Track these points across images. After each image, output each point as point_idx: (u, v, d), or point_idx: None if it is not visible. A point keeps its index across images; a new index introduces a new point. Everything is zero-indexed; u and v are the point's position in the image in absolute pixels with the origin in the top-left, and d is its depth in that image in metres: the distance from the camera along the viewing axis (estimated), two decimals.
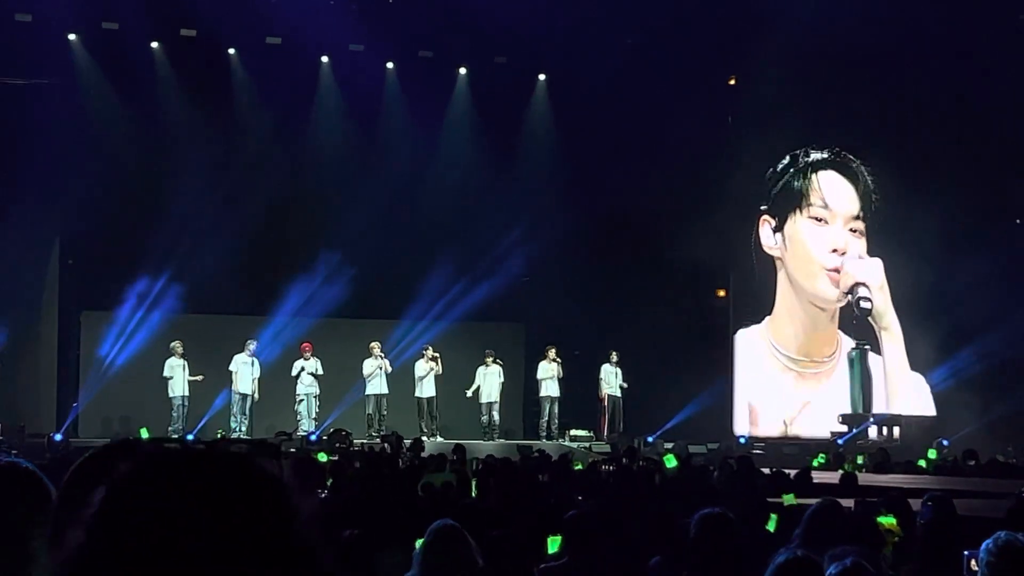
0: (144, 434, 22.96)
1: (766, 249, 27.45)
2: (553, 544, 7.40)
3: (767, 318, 27.47)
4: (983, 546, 4.95)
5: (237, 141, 25.88)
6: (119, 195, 24.82)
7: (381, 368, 25.24)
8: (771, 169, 27.56)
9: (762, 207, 27.45)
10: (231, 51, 26.47)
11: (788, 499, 9.38)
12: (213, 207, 24.67)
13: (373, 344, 25.36)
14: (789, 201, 27.48)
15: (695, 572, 5.81)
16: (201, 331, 25.51)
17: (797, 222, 27.41)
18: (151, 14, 24.93)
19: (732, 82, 27.87)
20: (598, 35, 25.67)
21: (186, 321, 25.48)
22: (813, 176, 27.51)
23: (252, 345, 24.95)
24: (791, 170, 27.58)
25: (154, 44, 26.02)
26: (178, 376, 24.54)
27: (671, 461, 12.09)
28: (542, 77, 27.89)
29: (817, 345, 27.32)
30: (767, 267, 27.65)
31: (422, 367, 25.41)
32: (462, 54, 27.26)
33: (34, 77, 24.87)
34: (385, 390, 25.35)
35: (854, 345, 27.03)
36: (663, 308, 26.07)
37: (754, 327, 27.54)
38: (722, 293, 28.41)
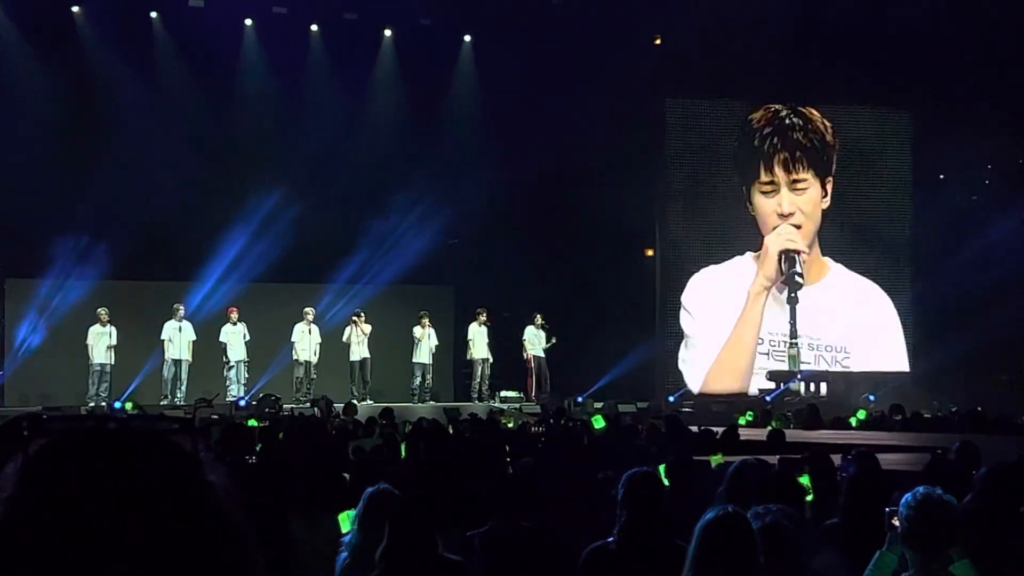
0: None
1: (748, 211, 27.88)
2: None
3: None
4: (903, 500, 5.02)
5: (160, 107, 25.61)
6: (41, 160, 24.45)
7: (311, 333, 25.15)
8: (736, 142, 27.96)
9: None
10: (153, 14, 26.18)
11: (715, 460, 9.45)
12: (137, 173, 24.41)
13: (307, 309, 25.23)
14: (748, 173, 27.79)
15: (623, 531, 5.84)
16: (126, 298, 25.27)
17: (754, 193, 27.75)
18: None
19: (657, 41, 27.92)
20: None
21: (111, 287, 25.21)
22: (754, 146, 27.81)
23: (181, 310, 24.74)
24: (741, 143, 27.87)
25: (75, 8, 25.69)
26: (100, 344, 24.26)
27: (599, 422, 12.13)
28: (467, 38, 27.81)
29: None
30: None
31: (354, 332, 25.31)
32: (387, 16, 27.10)
33: None
34: (314, 356, 25.26)
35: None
36: (592, 268, 26.22)
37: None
38: (649, 252, 28.54)
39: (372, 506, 6.04)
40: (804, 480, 6.93)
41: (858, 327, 27.62)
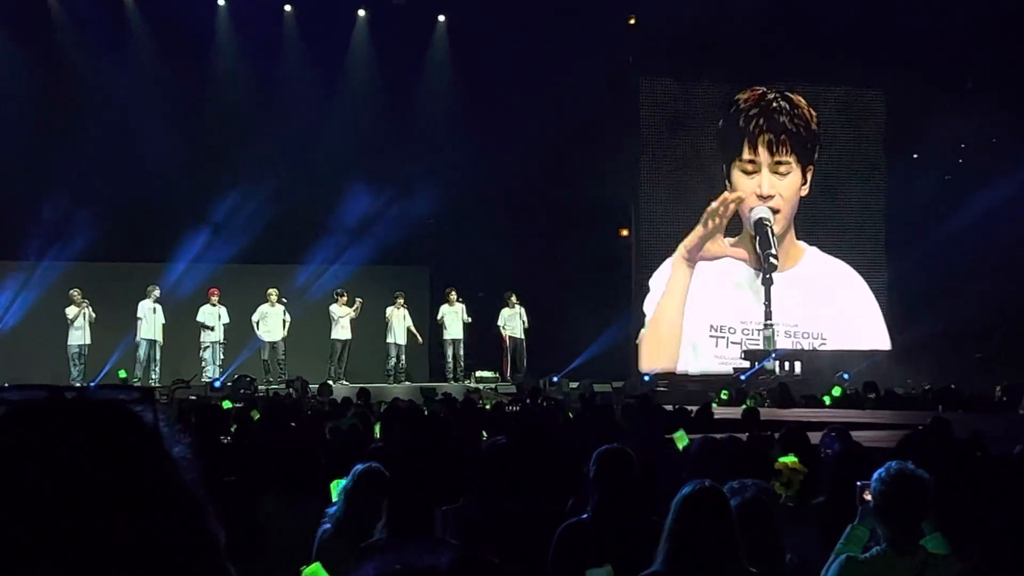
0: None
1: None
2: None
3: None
4: (875, 475, 5.04)
5: (134, 86, 25.50)
6: (12, 143, 24.32)
7: (281, 314, 25.10)
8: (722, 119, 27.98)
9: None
10: None
11: (679, 437, 9.45)
12: (111, 154, 24.33)
13: (271, 290, 25.17)
14: (729, 152, 27.84)
15: (596, 508, 5.86)
16: (101, 279, 25.16)
17: (734, 172, 27.78)
18: None
19: (632, 21, 27.89)
20: None
21: (86, 269, 25.11)
22: (739, 126, 27.86)
23: (155, 291, 24.66)
24: (721, 123, 27.90)
25: None
26: (79, 324, 24.21)
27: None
28: (442, 19, 27.74)
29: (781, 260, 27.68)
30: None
31: (341, 310, 25.30)
32: None
33: None
34: (280, 336, 25.20)
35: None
36: (567, 248, 26.23)
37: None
38: (625, 232, 28.57)
39: (361, 483, 6.11)
40: (789, 460, 6.91)
41: (834, 312, 27.72)
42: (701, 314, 27.56)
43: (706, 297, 27.53)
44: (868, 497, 5.13)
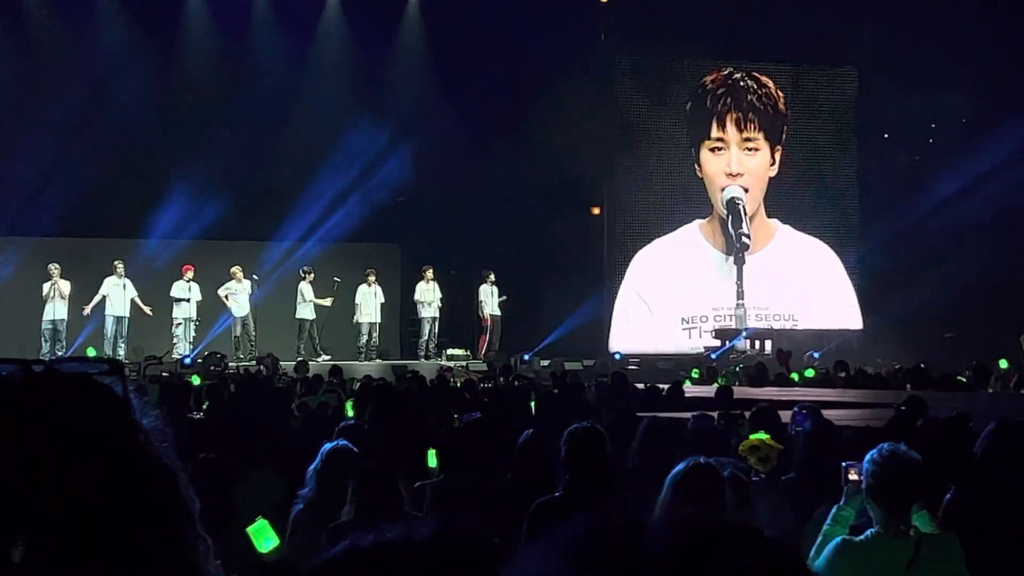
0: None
1: (696, 172, 27.84)
2: (432, 459, 7.45)
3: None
4: (868, 456, 5.04)
5: (103, 61, 25.34)
6: None
7: (246, 291, 25.01)
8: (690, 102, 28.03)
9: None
10: None
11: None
12: (81, 130, 24.18)
13: (235, 268, 25.05)
14: (698, 132, 27.88)
15: (568, 485, 5.87)
16: (71, 255, 25.02)
17: (702, 152, 27.81)
18: None
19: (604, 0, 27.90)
20: None
21: (56, 245, 25.00)
22: (707, 106, 27.91)
23: (120, 266, 24.51)
24: (693, 103, 27.94)
25: None
26: (55, 299, 24.11)
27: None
28: None
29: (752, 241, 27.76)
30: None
31: (309, 289, 25.26)
32: None
33: None
34: (244, 312, 25.11)
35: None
36: (539, 226, 26.21)
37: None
38: (596, 211, 28.57)
39: (329, 461, 6.11)
40: (761, 436, 6.93)
41: (806, 292, 27.82)
42: (672, 305, 27.65)
43: (676, 287, 27.61)
44: (854, 477, 5.14)
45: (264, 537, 5.29)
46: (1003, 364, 19.52)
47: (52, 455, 1.42)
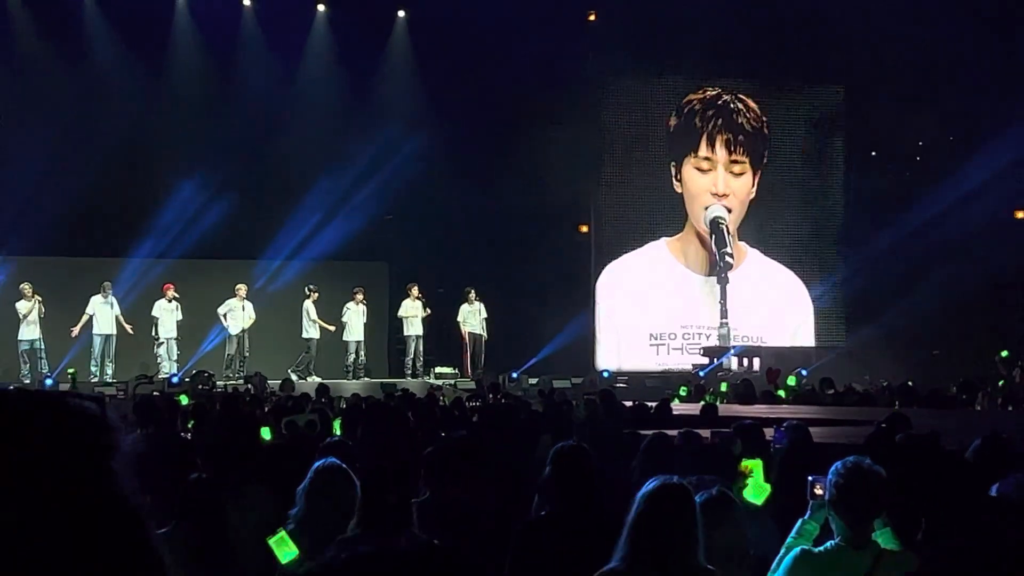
0: (71, 372, 22.84)
1: (675, 188, 27.83)
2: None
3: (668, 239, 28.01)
4: (832, 469, 5.08)
5: (92, 79, 25.36)
6: None
7: (243, 309, 25.00)
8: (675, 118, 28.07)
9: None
10: None
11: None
12: (66, 147, 24.18)
13: (239, 285, 25.04)
14: (682, 149, 27.88)
15: (555, 504, 5.87)
16: (55, 275, 24.98)
17: (686, 169, 27.84)
18: None
19: (592, 17, 27.92)
20: None
21: (39, 264, 24.95)
22: (696, 125, 27.94)
23: (108, 285, 24.47)
24: (679, 120, 27.95)
25: None
26: (31, 319, 24.02)
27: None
28: (401, 14, 27.71)
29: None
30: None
31: (313, 308, 25.29)
32: None
33: None
34: (239, 330, 25.08)
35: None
36: (527, 245, 26.23)
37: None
38: (584, 228, 28.59)
39: (319, 480, 6.09)
40: (752, 463, 6.92)
41: (772, 315, 27.90)
42: (639, 321, 27.70)
43: (642, 304, 27.67)
44: (819, 491, 5.18)
45: (285, 549, 5.30)
46: (1004, 354, 19.59)
47: (29, 472, 1.39)
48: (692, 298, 27.75)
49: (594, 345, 27.62)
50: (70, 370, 23.68)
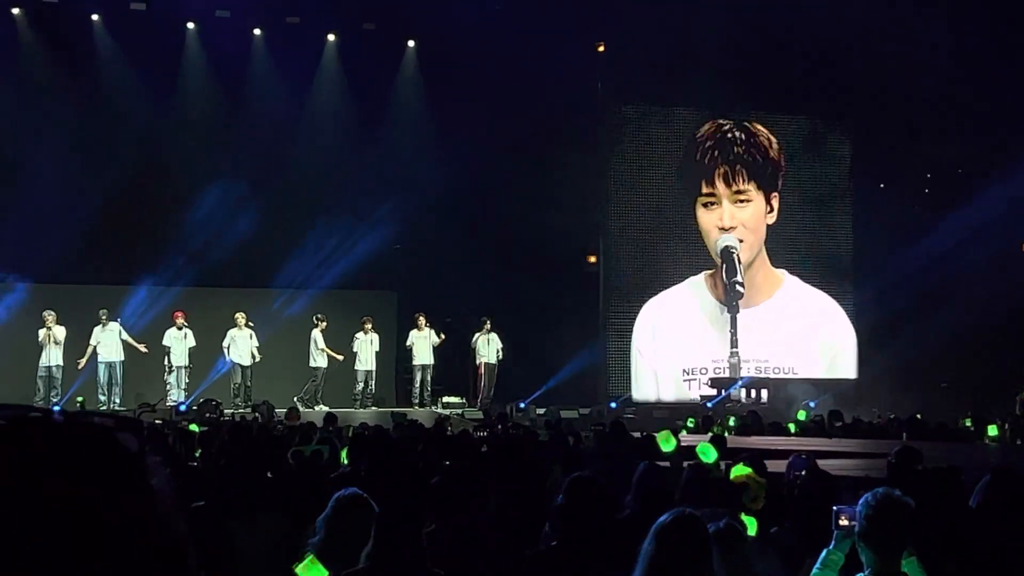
0: (80, 400, 22.86)
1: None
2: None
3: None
4: (862, 500, 5.06)
5: (102, 108, 25.46)
6: None
7: (251, 338, 25.01)
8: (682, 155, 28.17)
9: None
10: (95, 17, 25.99)
11: (665, 439, 9.42)
12: (77, 176, 24.24)
13: (238, 314, 25.07)
14: (691, 187, 27.96)
15: (565, 536, 5.85)
16: (65, 301, 24.97)
17: (697, 207, 27.87)
18: None
19: (601, 48, 27.98)
20: (466, 0, 25.60)
21: (55, 291, 24.97)
22: (696, 160, 27.94)
23: (103, 314, 24.40)
24: (684, 158, 28.02)
25: (15, 10, 25.53)
26: (49, 346, 24.08)
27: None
28: (411, 44, 27.76)
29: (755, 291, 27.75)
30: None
31: (321, 337, 25.32)
32: (330, 20, 27.02)
33: None
34: (248, 360, 25.07)
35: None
36: (535, 275, 26.20)
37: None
38: (593, 259, 28.59)
39: (341, 509, 6.09)
40: (745, 470, 6.92)
41: (810, 345, 27.72)
42: (673, 356, 27.60)
43: (677, 338, 27.56)
44: (844, 522, 5.15)
45: (315, 573, 5.31)
46: None
47: (55, 513, 1.35)
48: (725, 331, 27.58)
49: (605, 375, 27.54)
50: (79, 398, 23.70)
